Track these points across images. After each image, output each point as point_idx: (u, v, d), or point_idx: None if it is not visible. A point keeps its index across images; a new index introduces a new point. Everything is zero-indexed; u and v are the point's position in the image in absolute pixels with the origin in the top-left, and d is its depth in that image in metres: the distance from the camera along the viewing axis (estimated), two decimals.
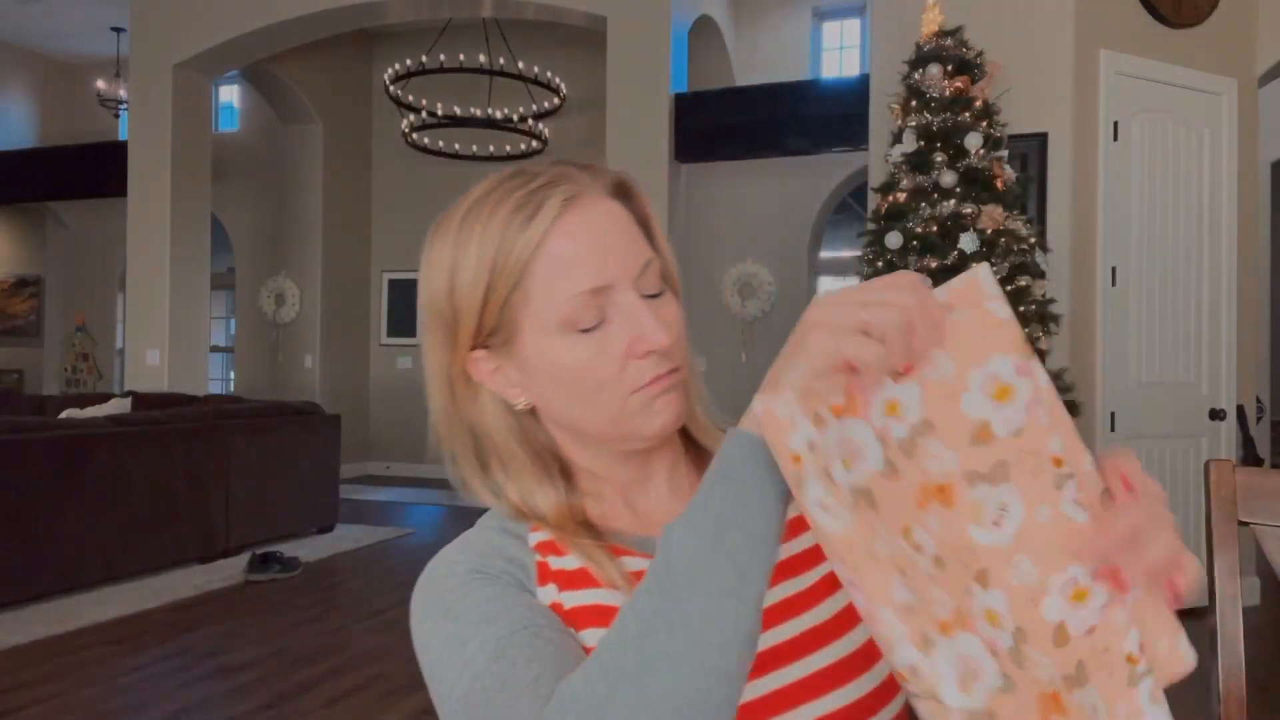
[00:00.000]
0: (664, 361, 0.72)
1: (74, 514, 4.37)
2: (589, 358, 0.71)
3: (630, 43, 5.92)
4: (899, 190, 3.48)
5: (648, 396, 0.72)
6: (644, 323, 0.70)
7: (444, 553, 0.77)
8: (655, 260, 0.74)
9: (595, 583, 0.72)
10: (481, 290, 0.71)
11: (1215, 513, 0.97)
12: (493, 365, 0.75)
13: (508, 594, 0.70)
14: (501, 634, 0.66)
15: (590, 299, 0.70)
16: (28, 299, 9.96)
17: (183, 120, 6.84)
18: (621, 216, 0.74)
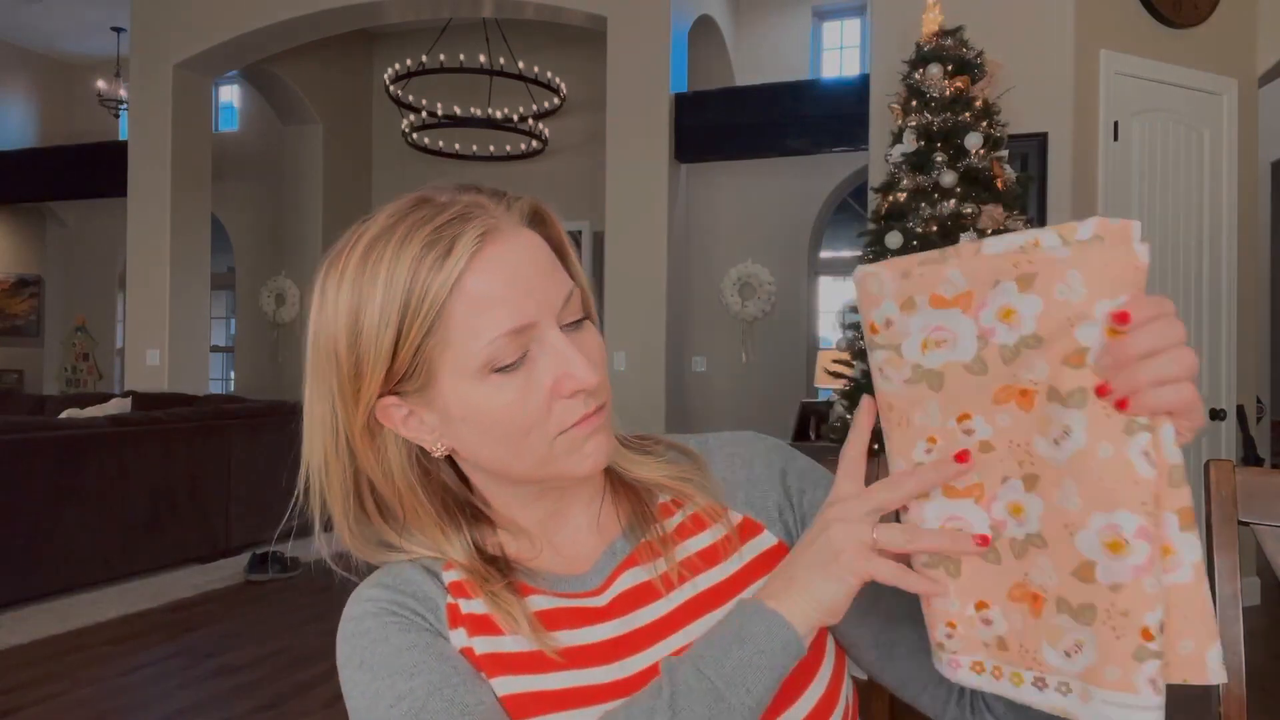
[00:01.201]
0: (591, 399, 0.69)
1: (74, 514, 4.37)
2: (513, 400, 0.66)
3: (630, 43, 5.92)
4: (899, 190, 3.48)
5: (577, 438, 0.69)
6: (570, 360, 0.67)
7: (361, 589, 0.77)
8: (575, 289, 0.71)
9: (501, 630, 0.70)
10: (392, 334, 0.65)
11: (1215, 513, 0.97)
12: (405, 411, 0.70)
13: (421, 643, 0.69)
14: (417, 693, 0.66)
15: (512, 339, 0.66)
16: (28, 299, 9.96)
17: (183, 120, 6.84)
18: (538, 246, 0.70)
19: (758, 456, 0.81)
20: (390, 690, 0.66)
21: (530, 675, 0.69)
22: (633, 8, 5.92)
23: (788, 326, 7.40)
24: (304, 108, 8.41)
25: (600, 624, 0.72)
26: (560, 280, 0.70)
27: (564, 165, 8.16)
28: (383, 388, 0.68)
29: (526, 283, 0.67)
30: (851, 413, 3.45)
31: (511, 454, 0.69)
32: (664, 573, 0.73)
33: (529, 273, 0.67)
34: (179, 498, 4.94)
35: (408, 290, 0.64)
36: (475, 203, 0.68)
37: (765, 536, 0.77)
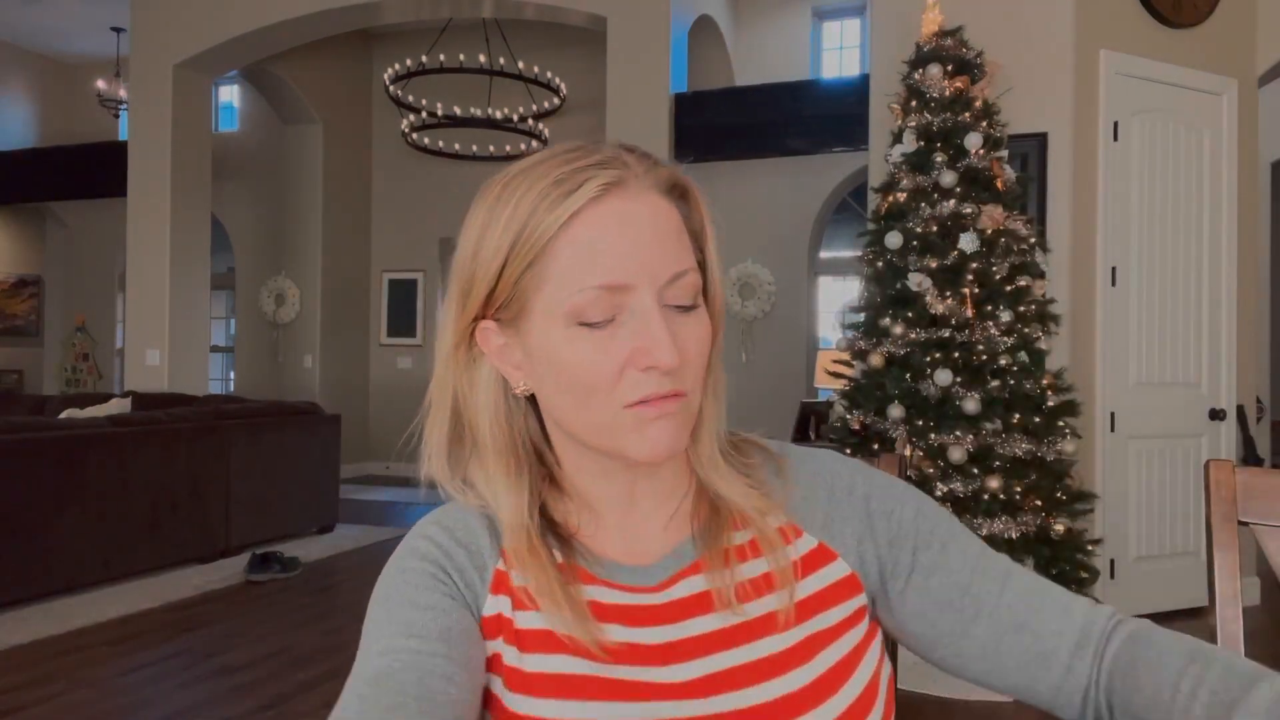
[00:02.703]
0: (666, 382, 0.66)
1: (74, 514, 4.37)
2: (588, 358, 0.66)
3: (630, 43, 5.92)
4: (899, 190, 3.48)
5: (643, 417, 0.66)
6: (654, 334, 0.65)
7: (426, 523, 0.75)
8: (693, 273, 0.68)
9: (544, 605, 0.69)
10: (500, 259, 0.67)
11: (1215, 513, 0.97)
12: (501, 341, 0.71)
13: (438, 607, 0.69)
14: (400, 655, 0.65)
15: (604, 295, 0.65)
16: (28, 299, 9.96)
17: (183, 120, 6.84)
18: (665, 215, 0.68)
19: (839, 480, 0.78)
20: (388, 637, 0.67)
21: (573, 657, 0.68)
22: (633, 8, 5.92)
23: (788, 326, 7.41)
24: (304, 108, 8.41)
25: (655, 625, 0.70)
26: (676, 255, 0.67)
27: None
28: (483, 309, 0.70)
29: (635, 244, 0.66)
30: (851, 413, 3.45)
31: (579, 410, 0.68)
32: (727, 587, 0.71)
33: (642, 236, 0.66)
34: (179, 498, 4.94)
35: (525, 221, 0.66)
36: (618, 157, 0.68)
37: (838, 565, 0.74)
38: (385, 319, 9.14)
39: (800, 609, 0.71)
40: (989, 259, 3.29)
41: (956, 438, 3.17)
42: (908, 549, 0.75)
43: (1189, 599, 4.10)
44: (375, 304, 9.17)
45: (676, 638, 0.70)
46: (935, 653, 0.76)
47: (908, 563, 0.75)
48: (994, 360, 3.22)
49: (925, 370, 3.25)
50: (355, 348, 9.03)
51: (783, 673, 0.68)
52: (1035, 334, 3.32)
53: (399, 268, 9.05)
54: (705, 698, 0.67)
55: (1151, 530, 4.10)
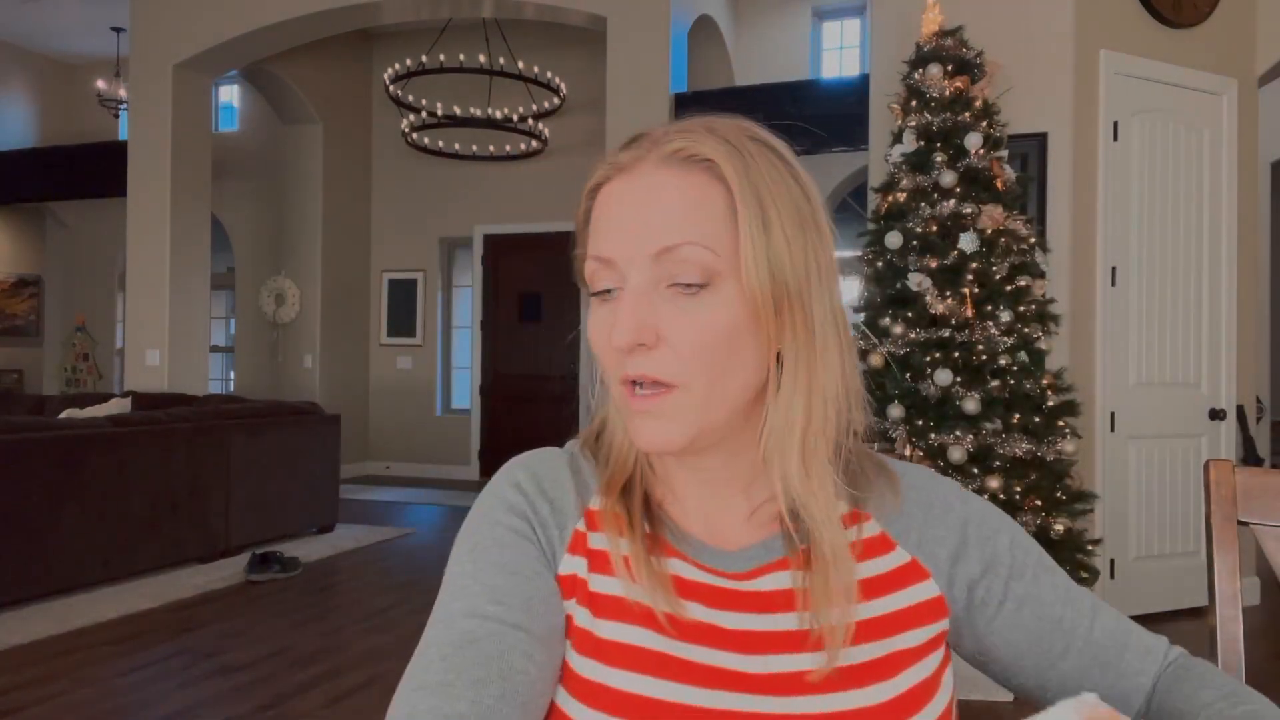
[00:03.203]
0: (643, 364, 0.64)
1: (74, 514, 4.37)
2: (595, 329, 0.69)
3: (630, 43, 5.92)
4: (899, 190, 3.48)
5: (630, 401, 0.67)
6: (623, 311, 0.64)
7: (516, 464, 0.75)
8: (694, 247, 0.64)
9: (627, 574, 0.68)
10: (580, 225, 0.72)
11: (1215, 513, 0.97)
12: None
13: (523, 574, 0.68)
14: (487, 621, 0.65)
15: (597, 266, 0.68)
16: (28, 299, 9.96)
17: (183, 120, 6.84)
18: (667, 188, 0.65)
19: (937, 498, 0.76)
20: (475, 599, 0.66)
21: (645, 629, 0.66)
22: (633, 8, 5.92)
23: None
24: (304, 108, 8.42)
25: (738, 611, 0.68)
26: (673, 228, 0.64)
27: (564, 165, 8.16)
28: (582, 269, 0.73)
29: (622, 220, 0.67)
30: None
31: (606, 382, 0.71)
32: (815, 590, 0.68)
33: (633, 211, 0.66)
34: (179, 498, 4.94)
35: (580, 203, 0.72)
36: (646, 135, 0.70)
37: (928, 585, 0.72)
38: (385, 319, 9.13)
39: (885, 623, 0.69)
40: (989, 259, 3.30)
41: (956, 438, 3.17)
42: (1001, 578, 0.74)
43: (1189, 599, 4.10)
44: (375, 304, 9.17)
45: (758, 629, 0.68)
46: (1015, 679, 0.77)
47: (1000, 591, 0.74)
48: (994, 360, 3.23)
49: (925, 370, 3.25)
50: (355, 348, 9.03)
51: (864, 685, 0.66)
52: (1035, 334, 3.32)
53: (399, 268, 9.05)
54: (782, 696, 0.66)
55: (1151, 530, 4.10)
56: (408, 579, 4.96)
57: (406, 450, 9.01)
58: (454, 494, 7.73)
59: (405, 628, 4.02)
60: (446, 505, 7.25)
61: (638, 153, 0.68)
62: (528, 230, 8.49)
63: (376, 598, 4.60)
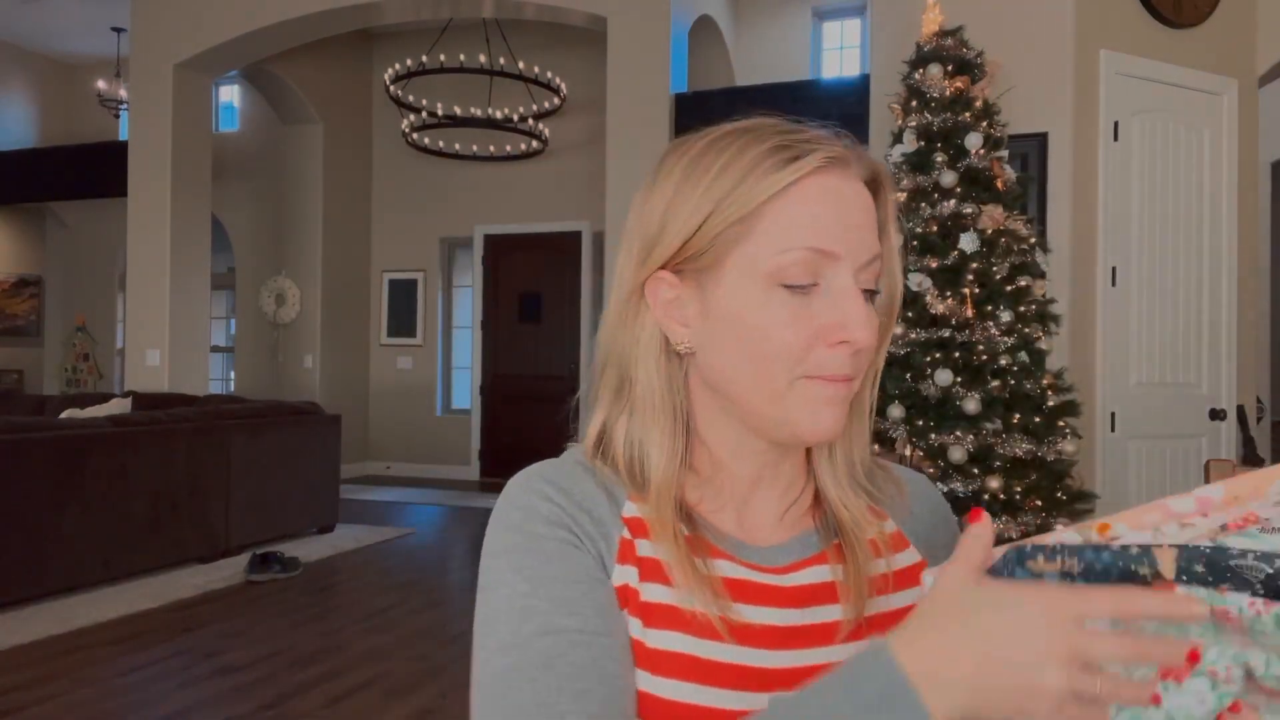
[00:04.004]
0: (849, 363, 0.67)
1: (74, 514, 4.37)
2: (780, 320, 0.66)
3: (630, 43, 5.92)
4: (899, 190, 3.48)
5: (817, 394, 0.67)
6: (853, 310, 0.66)
7: (533, 478, 0.71)
8: (880, 262, 0.70)
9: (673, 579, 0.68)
10: (704, 213, 0.67)
11: None
12: (673, 294, 0.70)
13: (586, 580, 0.66)
14: (569, 635, 0.63)
15: (811, 258, 0.66)
16: (28, 299, 9.96)
17: (183, 120, 6.84)
18: (869, 205, 0.70)
19: (939, 504, 0.80)
20: (545, 617, 0.64)
21: (696, 638, 0.66)
22: (633, 8, 5.92)
23: None
24: (304, 108, 8.41)
25: (780, 607, 0.69)
26: (873, 240, 0.69)
27: (564, 165, 8.16)
28: (670, 258, 0.69)
29: (847, 220, 0.67)
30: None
31: (752, 374, 0.68)
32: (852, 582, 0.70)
33: (854, 214, 0.68)
34: (179, 498, 4.94)
35: (738, 180, 0.67)
36: (829, 139, 0.70)
37: None
38: (385, 319, 9.13)
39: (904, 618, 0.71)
40: (989, 259, 3.30)
41: (956, 438, 3.17)
42: None
43: None
44: (375, 304, 9.17)
45: (802, 622, 0.69)
46: None
47: None
48: (994, 360, 3.23)
49: (925, 370, 3.25)
50: (355, 348, 9.02)
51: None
52: (1035, 334, 3.32)
53: (399, 268, 9.04)
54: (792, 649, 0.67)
55: None
56: (408, 579, 4.96)
57: (406, 450, 9.01)
58: (454, 494, 7.73)
59: (405, 628, 4.02)
60: (446, 505, 7.24)
61: (842, 152, 0.69)
62: (528, 230, 8.49)
63: (376, 598, 4.60)
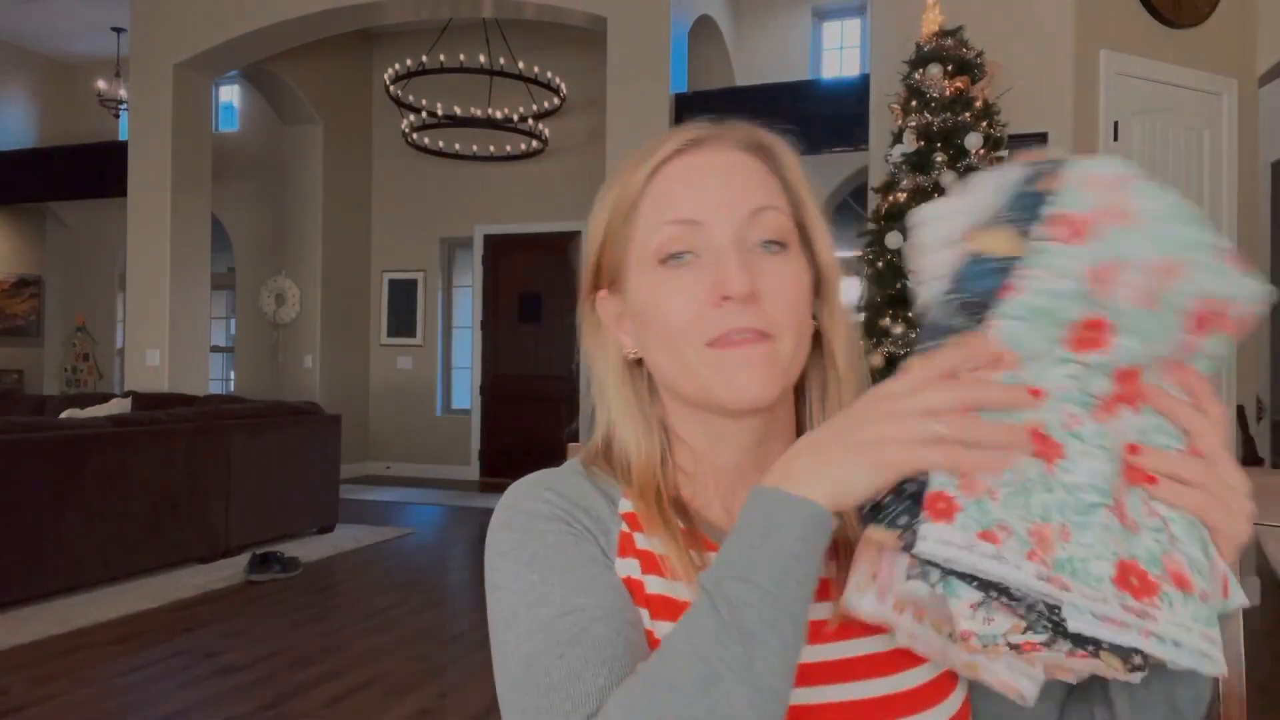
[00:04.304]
0: (744, 316, 0.67)
1: (74, 514, 4.37)
2: (671, 294, 0.69)
3: (630, 43, 5.92)
4: (899, 190, 3.48)
5: (723, 359, 0.67)
6: (724, 263, 0.67)
7: (530, 484, 0.73)
8: (777, 212, 0.71)
9: (676, 574, 0.68)
10: (602, 230, 0.74)
11: None
12: (617, 310, 0.75)
13: (596, 565, 0.67)
14: (588, 611, 0.63)
15: (681, 231, 0.69)
16: (28, 299, 9.96)
17: (183, 120, 6.84)
18: (745, 164, 0.72)
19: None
20: (562, 600, 0.64)
21: None
22: (633, 8, 5.92)
23: None
24: (304, 108, 8.41)
25: None
26: (756, 193, 0.71)
27: (564, 165, 8.16)
28: (596, 279, 0.76)
29: (708, 187, 0.70)
30: None
31: (671, 357, 0.70)
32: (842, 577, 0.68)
33: (717, 179, 0.70)
34: (179, 498, 4.94)
35: (619, 190, 0.73)
36: (702, 125, 0.73)
37: None
38: (385, 319, 9.13)
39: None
40: None
41: None
42: None
43: None
44: (375, 304, 9.17)
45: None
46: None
47: None
48: None
49: None
50: (355, 348, 9.02)
51: (896, 671, 0.67)
52: None
53: (399, 268, 9.04)
54: (815, 686, 0.66)
55: None
56: (408, 579, 4.96)
57: (406, 450, 9.01)
58: (454, 494, 7.73)
59: (405, 628, 4.02)
60: (446, 505, 7.24)
61: (704, 134, 0.72)
62: (528, 230, 8.49)
63: (376, 598, 4.60)
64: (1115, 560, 0.53)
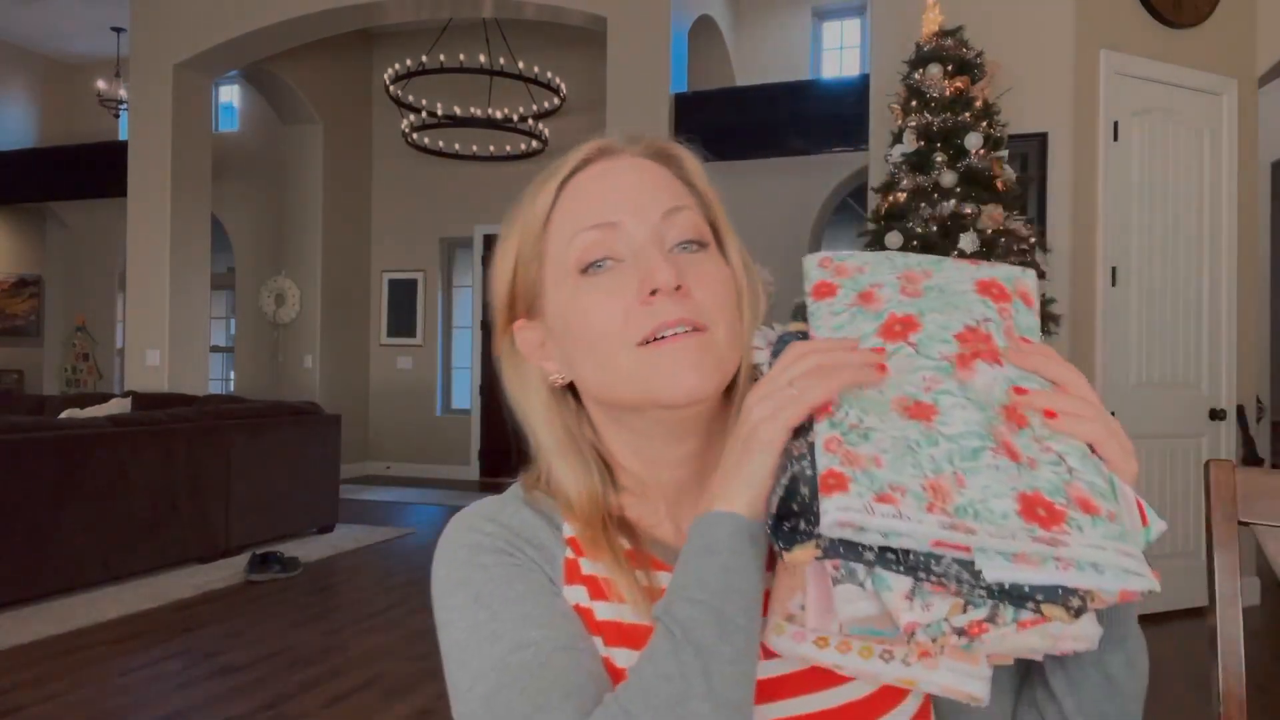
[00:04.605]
0: (675, 308, 0.66)
1: (74, 514, 4.37)
2: (597, 301, 0.67)
3: (630, 43, 5.92)
4: (899, 190, 3.48)
5: (658, 354, 0.66)
6: (648, 259, 0.66)
7: (471, 516, 0.72)
8: (691, 211, 0.70)
9: (623, 599, 0.67)
10: (512, 257, 0.72)
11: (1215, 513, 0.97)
12: (535, 336, 0.73)
13: (544, 595, 0.67)
14: (543, 645, 0.63)
15: (598, 236, 0.68)
16: (28, 299, 9.96)
17: (183, 120, 6.84)
18: (652, 170, 0.72)
19: None
20: (513, 636, 0.63)
21: None
22: (633, 8, 5.92)
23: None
24: (304, 108, 8.42)
25: None
26: (668, 195, 0.70)
27: None
28: (511, 311, 0.74)
29: (622, 192, 0.69)
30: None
31: (603, 369, 0.68)
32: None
33: (628, 183, 0.70)
34: (179, 498, 4.94)
35: (525, 217, 0.72)
36: (599, 137, 0.73)
37: None
38: (385, 319, 9.14)
39: None
40: (989, 259, 3.29)
41: None
42: None
43: (1189, 599, 4.10)
44: (375, 304, 9.18)
45: None
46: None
47: None
48: None
49: None
50: (355, 348, 9.03)
51: (848, 680, 0.67)
52: None
53: (399, 268, 9.05)
54: (773, 701, 0.66)
55: None
56: (408, 579, 4.96)
57: (406, 450, 9.01)
58: (454, 494, 7.73)
59: (405, 628, 4.02)
60: (446, 505, 7.24)
61: (609, 145, 0.72)
62: None
63: (376, 598, 4.60)
64: (1015, 494, 0.53)
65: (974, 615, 0.54)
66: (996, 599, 0.53)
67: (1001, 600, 0.53)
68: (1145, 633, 0.68)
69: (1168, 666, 3.25)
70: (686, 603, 0.58)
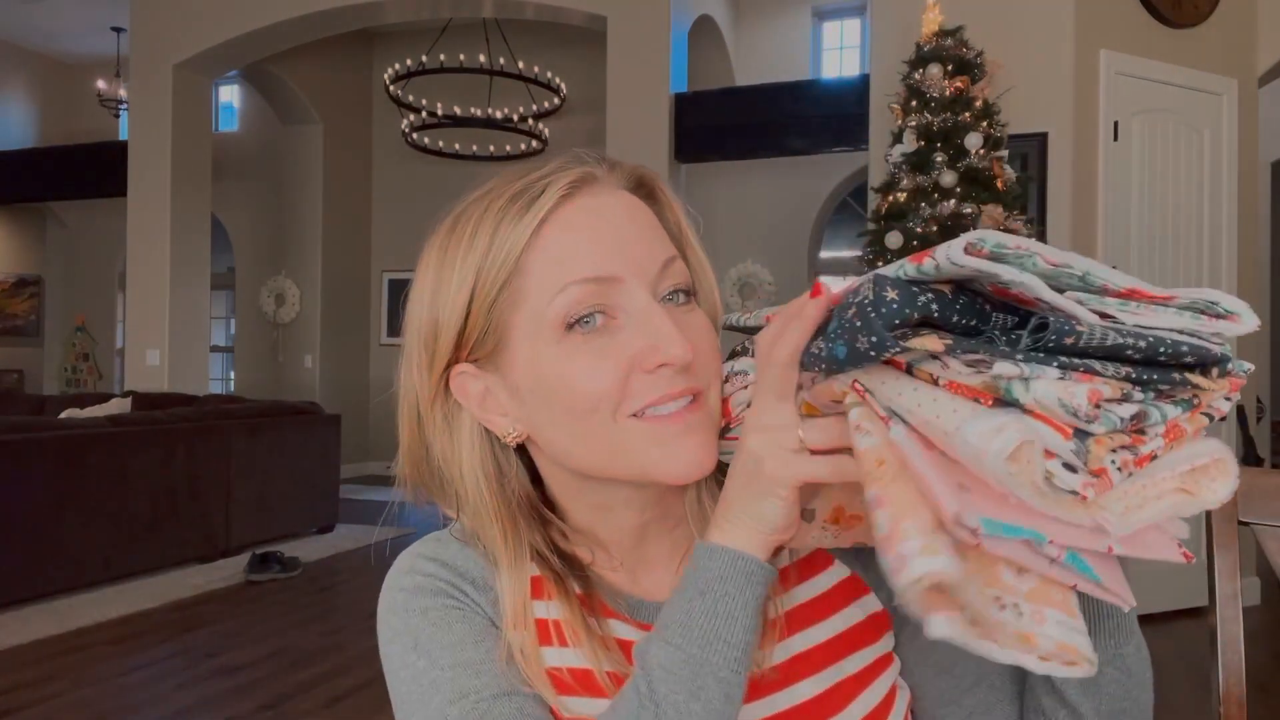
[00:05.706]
0: (679, 380, 0.59)
1: (74, 514, 4.37)
2: (587, 365, 0.59)
3: (630, 43, 5.92)
4: (899, 190, 3.48)
5: (662, 432, 0.59)
6: (659, 327, 0.59)
7: (413, 557, 0.68)
8: (679, 261, 0.64)
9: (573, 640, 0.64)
10: (468, 291, 0.61)
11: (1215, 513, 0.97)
12: (481, 386, 0.64)
13: (486, 640, 0.63)
14: (483, 694, 0.60)
15: (593, 291, 0.59)
16: (28, 299, 9.96)
17: (183, 120, 6.84)
18: (639, 209, 0.64)
19: None
20: (451, 685, 0.60)
21: (606, 700, 0.61)
22: (633, 8, 5.92)
23: None
24: (304, 108, 8.42)
25: None
26: (660, 246, 0.63)
27: None
28: (455, 352, 0.63)
29: (615, 238, 0.61)
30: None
31: (584, 440, 0.61)
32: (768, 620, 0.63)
33: (622, 228, 0.61)
34: (179, 498, 4.94)
35: (489, 243, 0.60)
36: (576, 158, 0.64)
37: (871, 599, 0.69)
38: (385, 319, 9.14)
39: (828, 650, 0.66)
40: None
41: None
42: None
43: (1189, 599, 4.10)
44: (375, 304, 9.18)
45: None
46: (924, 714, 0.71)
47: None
48: None
49: None
50: (355, 348, 9.03)
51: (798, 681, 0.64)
52: None
53: (399, 268, 9.05)
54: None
55: None
56: None
57: None
58: None
59: None
60: None
61: (589, 172, 0.63)
62: None
63: (376, 598, 4.59)
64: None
65: (1130, 408, 0.47)
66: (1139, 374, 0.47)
67: (1147, 378, 0.48)
68: (1145, 633, 0.68)
69: (1168, 666, 3.25)
70: (664, 646, 0.55)
